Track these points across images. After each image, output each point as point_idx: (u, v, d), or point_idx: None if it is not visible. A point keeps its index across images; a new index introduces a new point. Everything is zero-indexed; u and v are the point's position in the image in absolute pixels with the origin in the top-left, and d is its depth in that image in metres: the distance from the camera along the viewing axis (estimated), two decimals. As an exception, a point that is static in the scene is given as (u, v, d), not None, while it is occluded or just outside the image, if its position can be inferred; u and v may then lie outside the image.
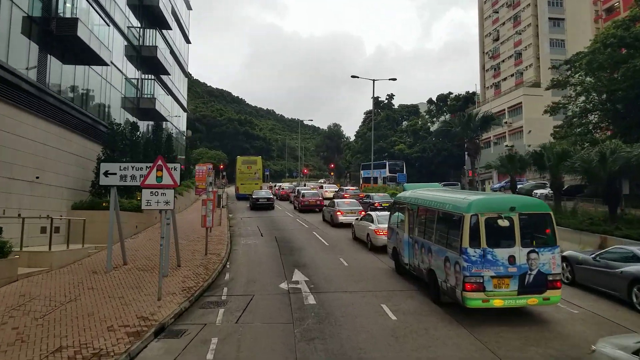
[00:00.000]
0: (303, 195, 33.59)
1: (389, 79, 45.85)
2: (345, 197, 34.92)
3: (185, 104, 43.98)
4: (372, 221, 18.23)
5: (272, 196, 36.67)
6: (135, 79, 26.69)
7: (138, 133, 23.00)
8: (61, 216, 17.39)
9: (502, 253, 9.31)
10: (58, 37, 16.81)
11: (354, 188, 42.03)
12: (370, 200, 30.81)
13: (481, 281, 9.23)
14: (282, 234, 22.45)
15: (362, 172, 71.11)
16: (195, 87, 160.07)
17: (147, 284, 12.25)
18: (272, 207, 35.32)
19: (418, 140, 78.90)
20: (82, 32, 16.91)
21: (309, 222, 26.75)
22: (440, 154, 74.83)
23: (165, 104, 31.13)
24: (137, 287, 11.95)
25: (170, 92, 34.88)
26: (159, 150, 26.72)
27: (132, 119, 26.03)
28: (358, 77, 45.78)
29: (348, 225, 23.50)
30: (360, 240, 19.56)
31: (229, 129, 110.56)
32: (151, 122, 29.74)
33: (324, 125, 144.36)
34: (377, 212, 19.15)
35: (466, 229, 9.39)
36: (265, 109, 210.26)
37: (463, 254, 9.32)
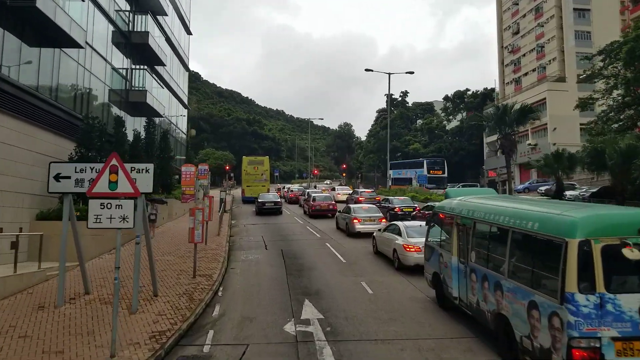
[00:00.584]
0: (314, 199, 30.31)
1: (406, 72, 42.46)
2: (360, 201, 31.63)
3: (185, 100, 40.90)
4: (399, 233, 14.87)
5: (279, 200, 33.45)
6: (124, 68, 23.63)
7: (124, 129, 19.88)
8: (21, 229, 14.37)
9: (630, 301, 5.95)
10: (14, 10, 13.72)
11: (370, 190, 38.63)
12: (389, 205, 27.44)
13: (597, 345, 5.88)
14: (290, 246, 19.20)
15: (391, 171, 62.18)
16: (205, 88, 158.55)
17: (107, 326, 9.03)
18: (279, 212, 32.12)
19: (433, 139, 75.36)
20: (43, 4, 13.79)
21: (321, 231, 23.47)
22: (457, 154, 71.23)
23: (160, 99, 28.06)
24: (90, 332, 8.75)
25: (167, 85, 31.78)
26: (151, 149, 23.61)
27: (120, 114, 22.97)
28: (372, 71, 42.67)
29: (366, 235, 20.29)
30: (383, 255, 16.24)
31: (236, 129, 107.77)
32: (145, 119, 26.59)
33: (334, 126, 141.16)
34: (406, 223, 15.77)
35: (572, 264, 6.02)
36: (274, 109, 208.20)
37: (568, 302, 5.96)
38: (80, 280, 12.00)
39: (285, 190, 50.21)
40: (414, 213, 24.33)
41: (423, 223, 15.47)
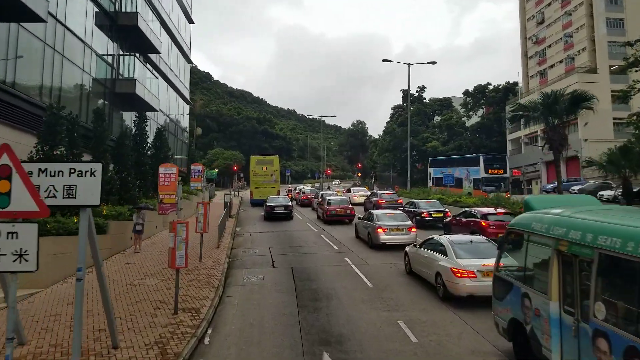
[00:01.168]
0: (329, 203, 26.98)
1: (428, 62, 38.94)
2: (380, 204, 28.29)
3: (187, 94, 37.81)
4: (443, 252, 11.45)
5: (290, 203, 30.16)
6: (110, 55, 20.56)
7: (105, 123, 16.79)
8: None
9: None
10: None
11: (391, 192, 35.10)
12: (416, 209, 23.97)
13: None
14: (302, 262, 15.94)
15: (431, 170, 53.68)
16: (216, 88, 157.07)
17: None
18: (290, 217, 28.92)
19: (453, 136, 71.52)
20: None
21: (338, 241, 20.16)
22: (478, 151, 67.27)
23: (154, 91, 24.98)
24: None
25: (164, 77, 28.69)
26: (142, 147, 20.49)
27: (105, 107, 19.93)
28: (390, 61, 39.29)
29: (393, 247, 17.03)
30: (419, 276, 12.87)
31: (246, 128, 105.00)
32: (136, 113, 23.49)
33: (346, 125, 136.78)
34: (451, 237, 12.28)
35: None
36: (286, 109, 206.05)
37: None
38: (28, 319, 8.94)
39: (297, 191, 46.93)
40: (447, 220, 20.81)
41: (474, 238, 12.14)
